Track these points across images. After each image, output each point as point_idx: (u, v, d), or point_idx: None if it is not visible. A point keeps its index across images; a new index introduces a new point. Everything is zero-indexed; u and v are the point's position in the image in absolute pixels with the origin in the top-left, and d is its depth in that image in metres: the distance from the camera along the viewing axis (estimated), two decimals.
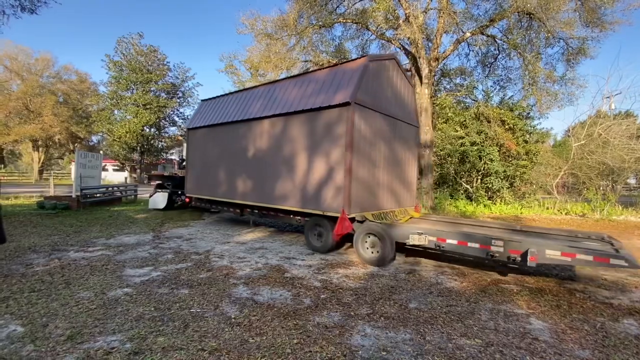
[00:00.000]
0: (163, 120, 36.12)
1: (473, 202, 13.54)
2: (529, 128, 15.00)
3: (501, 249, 4.41)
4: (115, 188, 13.72)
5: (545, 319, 3.43)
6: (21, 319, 3.06)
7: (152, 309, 3.33)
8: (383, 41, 15.48)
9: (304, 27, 13.35)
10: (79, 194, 10.54)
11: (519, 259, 4.26)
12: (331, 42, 15.80)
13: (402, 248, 5.90)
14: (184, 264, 5.02)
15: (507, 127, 14.25)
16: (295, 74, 7.65)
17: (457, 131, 14.11)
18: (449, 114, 14.58)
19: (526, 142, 14.69)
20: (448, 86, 18.78)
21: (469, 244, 4.65)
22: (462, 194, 14.38)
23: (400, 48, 13.72)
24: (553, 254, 4.09)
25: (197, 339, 2.75)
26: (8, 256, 5.25)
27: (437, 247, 4.90)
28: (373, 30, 13.94)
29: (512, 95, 15.79)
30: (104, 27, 76.83)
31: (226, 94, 8.91)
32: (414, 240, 5.08)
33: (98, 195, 11.98)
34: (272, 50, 13.91)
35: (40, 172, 39.74)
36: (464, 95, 15.91)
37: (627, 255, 3.88)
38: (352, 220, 5.69)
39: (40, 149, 40.34)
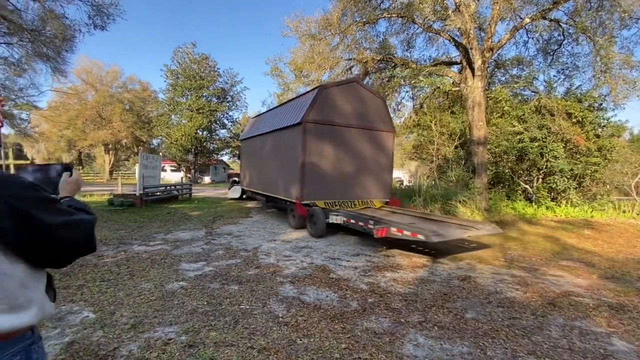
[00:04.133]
0: (214, 124, 38.28)
1: (533, 203, 12.33)
2: (602, 121, 13.26)
3: (372, 227, 5.93)
4: (173, 187, 14.81)
5: (630, 340, 2.95)
6: (93, 306, 3.37)
7: (205, 303, 3.48)
8: (430, 34, 14.78)
9: (347, 25, 13.22)
10: (142, 192, 11.55)
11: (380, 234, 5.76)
12: (375, 39, 15.45)
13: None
14: (234, 260, 5.21)
15: (574, 120, 12.73)
16: (308, 90, 9.96)
17: (514, 126, 12.94)
18: (506, 108, 13.43)
19: (598, 136, 13.00)
20: (503, 78, 17.34)
21: (359, 222, 6.43)
22: (520, 194, 13.17)
23: (449, 40, 12.98)
24: (394, 232, 5.64)
25: (246, 336, 2.80)
26: None
27: (344, 224, 6.88)
28: (420, 23, 13.34)
29: (580, 85, 14.09)
30: (159, 38, 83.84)
31: (257, 115, 12.68)
32: (333, 220, 7.09)
33: (158, 193, 13.03)
34: (316, 50, 13.98)
35: (111, 172, 44.43)
36: (522, 87, 14.55)
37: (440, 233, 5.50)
38: (307, 205, 7.71)
39: (111, 151, 45.10)
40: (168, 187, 14.24)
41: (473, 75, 12.35)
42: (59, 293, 3.70)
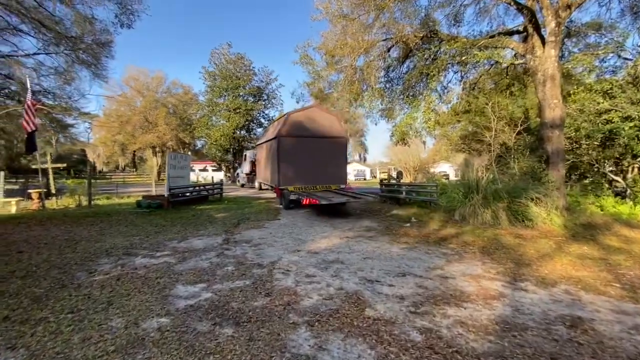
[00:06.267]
0: (251, 123, 38.35)
1: (628, 200, 9.78)
2: None
3: (302, 198, 9.76)
4: (202, 187, 14.35)
5: None
6: (32, 358, 2.41)
7: None
8: (483, 3, 12.61)
9: None
10: (169, 193, 11.08)
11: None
12: (415, 14, 13.57)
13: None
14: (242, 281, 4.09)
15: None
16: (312, 105, 14.02)
17: (598, 103, 10.39)
18: (588, 81, 10.88)
19: None
20: (575, 49, 14.45)
21: (299, 197, 10.00)
22: (606, 188, 10.61)
23: (510, 3, 10.77)
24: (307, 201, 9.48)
25: None
26: (85, 258, 5.18)
27: (297, 198, 10.34)
28: None
29: None
30: (195, 41, 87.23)
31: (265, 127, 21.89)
32: (292, 197, 10.83)
33: (187, 194, 12.57)
34: (349, 31, 12.52)
35: (159, 173, 46.85)
36: (605, 55, 11.78)
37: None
38: (282, 189, 11.53)
39: (157, 153, 47.50)
40: (197, 188, 13.78)
41: (543, 43, 10.10)
42: (12, 328, 2.84)
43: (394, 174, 33.32)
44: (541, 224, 7.73)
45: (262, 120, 38.92)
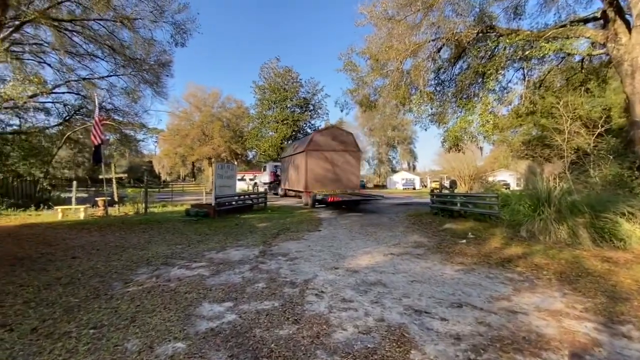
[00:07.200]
0: (298, 133, 39.04)
1: None
2: None
3: (326, 197, 13.62)
4: (247, 196, 14.59)
5: None
6: None
7: None
8: None
9: None
10: (215, 202, 11.35)
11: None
12: (469, 10, 12.49)
13: None
14: (270, 302, 3.72)
15: None
16: (327, 126, 20.76)
17: None
18: None
19: None
20: None
21: (325, 197, 13.65)
22: None
23: None
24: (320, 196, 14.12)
25: None
26: (126, 266, 5.27)
27: (322, 199, 13.89)
28: None
29: None
30: (249, 57, 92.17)
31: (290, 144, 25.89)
32: (318, 197, 14.20)
33: (233, 203, 12.82)
34: (394, 34, 11.92)
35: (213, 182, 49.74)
36: None
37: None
38: (309, 192, 14.91)
39: (212, 164, 50.54)
40: (242, 197, 14.02)
41: (628, 28, 8.56)
42: (36, 342, 2.77)
43: (446, 183, 31.14)
44: (636, 245, 6.28)
45: (309, 130, 39.38)
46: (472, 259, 5.79)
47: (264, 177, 27.65)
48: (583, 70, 11.86)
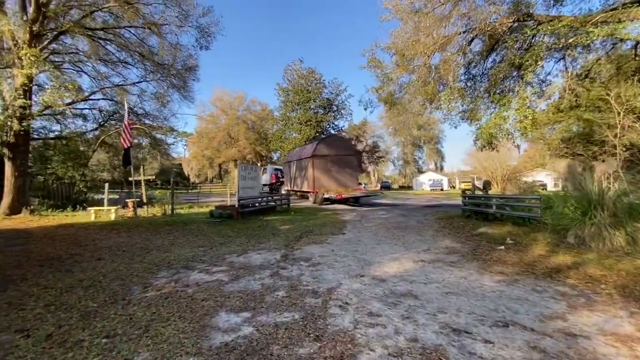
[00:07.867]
0: (321, 134, 38.84)
1: None
2: None
3: (334, 196, 16.53)
4: (270, 198, 14.50)
5: None
6: None
7: None
8: None
9: None
10: (238, 204, 11.31)
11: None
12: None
13: None
14: (291, 313, 3.43)
15: None
16: (323, 137, 24.36)
17: None
18: None
19: None
20: None
21: (331, 196, 16.62)
22: None
23: None
24: (328, 194, 17.08)
25: None
26: (147, 269, 5.21)
27: (330, 197, 16.85)
28: None
29: None
30: (274, 61, 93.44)
31: (295, 149, 27.39)
32: (325, 195, 17.13)
33: (256, 204, 12.76)
34: (421, 27, 11.35)
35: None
36: None
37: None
38: (316, 192, 17.62)
39: (238, 166, 51.55)
40: (265, 198, 13.94)
41: None
42: (48, 350, 2.66)
43: (479, 184, 29.65)
44: None
45: (332, 131, 39.07)
46: (513, 268, 5.21)
47: (265, 179, 29.37)
48: (637, 58, 10.68)
